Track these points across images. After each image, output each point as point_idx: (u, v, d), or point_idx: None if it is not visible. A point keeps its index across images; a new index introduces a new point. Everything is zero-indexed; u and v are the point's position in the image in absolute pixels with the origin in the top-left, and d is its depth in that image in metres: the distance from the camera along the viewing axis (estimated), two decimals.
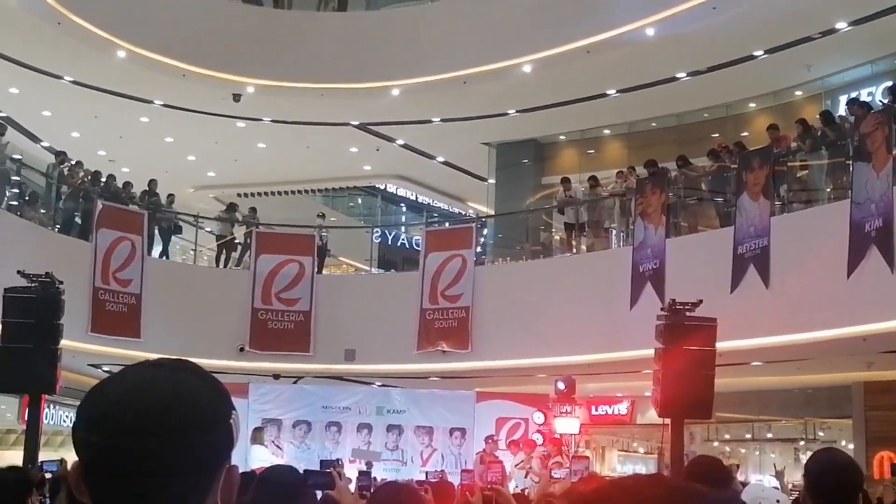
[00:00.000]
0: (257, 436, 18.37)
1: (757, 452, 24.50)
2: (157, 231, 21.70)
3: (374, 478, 15.38)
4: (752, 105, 23.66)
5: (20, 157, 20.26)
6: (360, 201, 37.58)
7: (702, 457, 6.69)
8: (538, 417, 19.75)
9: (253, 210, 23.80)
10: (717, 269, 15.67)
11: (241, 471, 1.66)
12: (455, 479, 15.23)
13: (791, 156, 16.84)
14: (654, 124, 24.96)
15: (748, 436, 24.00)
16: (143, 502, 1.49)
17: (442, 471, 17.10)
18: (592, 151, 26.73)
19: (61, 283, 13.72)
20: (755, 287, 15.05)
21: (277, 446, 19.46)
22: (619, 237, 19.74)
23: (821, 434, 22.40)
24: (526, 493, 12.26)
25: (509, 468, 16.33)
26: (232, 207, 23.76)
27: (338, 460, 12.27)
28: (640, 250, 17.45)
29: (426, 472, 16.51)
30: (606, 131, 26.30)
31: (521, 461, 18.10)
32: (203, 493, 1.53)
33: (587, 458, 18.56)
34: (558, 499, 4.50)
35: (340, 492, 5.54)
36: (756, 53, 20.62)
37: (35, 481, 4.84)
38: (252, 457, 17.26)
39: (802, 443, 22.81)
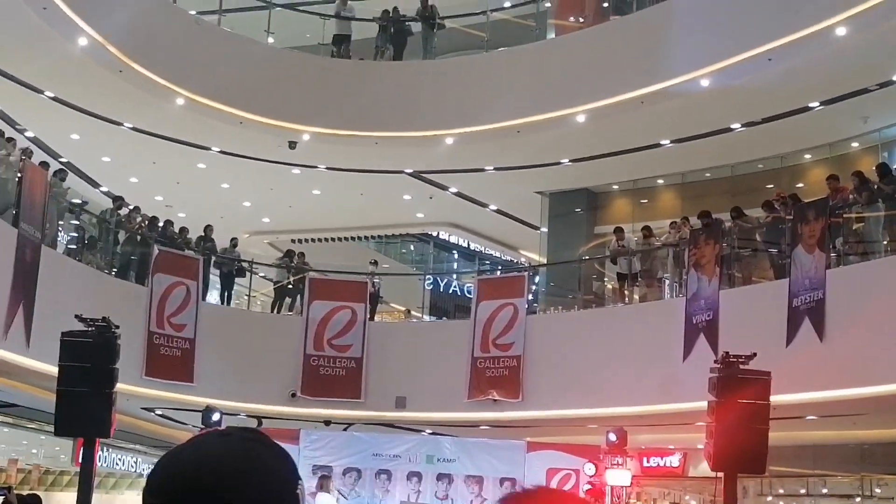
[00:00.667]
0: (323, 483, 18.31)
1: None
2: (219, 276, 22.02)
3: None
4: (808, 156, 23.44)
5: (79, 201, 20.51)
6: (412, 248, 37.68)
7: None
8: (589, 468, 19.33)
9: (301, 255, 23.95)
10: (772, 322, 15.48)
11: None
12: None
13: (847, 208, 16.65)
14: (707, 175, 24.83)
15: (802, 491, 23.49)
16: None
17: None
18: (646, 201, 26.61)
19: (117, 327, 13.88)
20: (810, 340, 14.86)
21: (343, 495, 19.38)
22: (673, 288, 19.67)
23: (878, 490, 21.96)
24: None
25: None
26: (289, 254, 23.91)
27: None
28: (694, 301, 17.32)
29: None
30: (660, 181, 26.19)
31: None
32: None
33: None
34: None
35: None
36: (812, 105, 20.40)
37: None
38: None
39: (858, 499, 22.36)
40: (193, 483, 1.51)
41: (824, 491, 23.00)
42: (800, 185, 22.07)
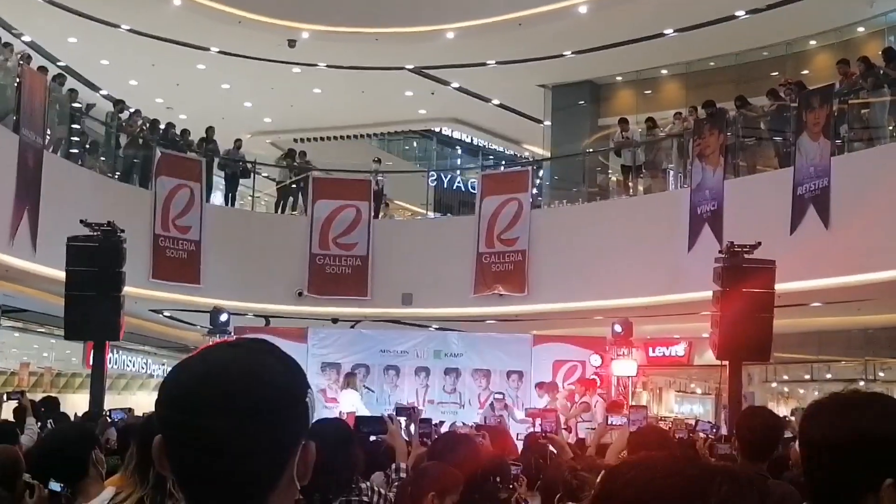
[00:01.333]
0: (349, 381, 18.39)
1: (816, 393, 23.96)
2: (223, 177, 21.91)
3: (435, 423, 15.66)
4: (813, 42, 23.21)
5: (80, 104, 20.40)
6: (415, 145, 37.52)
7: (753, 409, 6.66)
8: (595, 360, 19.42)
9: (303, 154, 23.83)
10: (777, 211, 15.42)
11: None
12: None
13: (852, 94, 16.46)
14: (712, 63, 24.66)
15: (807, 376, 23.81)
16: (222, 478, 1.55)
17: (501, 416, 16.99)
18: (650, 92, 26.45)
19: (122, 231, 13.90)
20: (815, 228, 14.83)
21: (370, 389, 19.34)
22: (677, 179, 19.51)
23: (881, 374, 22.18)
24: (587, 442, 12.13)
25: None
26: (290, 154, 23.80)
27: (414, 408, 12.33)
28: (698, 192, 17.27)
29: (485, 418, 16.50)
30: (664, 71, 26.02)
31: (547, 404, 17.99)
32: (280, 469, 1.58)
33: (645, 407, 18.48)
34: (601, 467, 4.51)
35: (393, 436, 5.66)
36: None
37: (95, 436, 4.83)
38: (343, 401, 17.45)
39: (862, 383, 22.52)
40: (203, 393, 1.55)
41: (828, 376, 23.27)
42: (805, 71, 21.90)
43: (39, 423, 9.51)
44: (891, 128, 15.77)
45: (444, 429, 14.64)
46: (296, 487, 1.61)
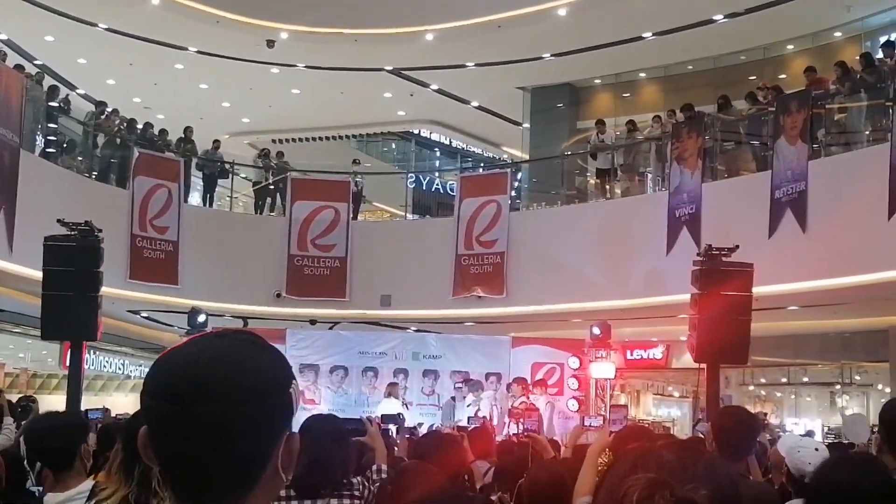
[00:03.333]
0: (392, 390, 18.42)
1: (793, 396, 24.37)
2: (201, 178, 21.76)
3: (413, 426, 15.44)
4: (791, 47, 23.32)
5: (57, 104, 20.25)
6: (394, 146, 37.48)
7: (729, 408, 6.67)
8: (573, 362, 19.53)
9: (280, 154, 23.62)
10: (754, 214, 15.47)
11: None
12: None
13: (829, 99, 16.54)
14: (690, 67, 24.78)
15: (784, 380, 23.88)
16: (207, 467, 1.56)
17: (485, 417, 17.09)
18: (628, 95, 26.52)
19: (100, 230, 13.79)
20: (792, 232, 14.87)
21: (405, 405, 18.80)
22: (656, 182, 19.52)
23: (857, 378, 22.28)
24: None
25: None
26: (265, 153, 23.66)
27: (400, 415, 12.42)
28: (677, 195, 17.30)
29: (468, 418, 16.33)
30: (642, 74, 26.12)
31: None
32: (264, 459, 1.60)
33: (625, 406, 18.46)
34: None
35: (372, 437, 5.68)
36: None
37: (87, 428, 4.83)
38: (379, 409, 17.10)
39: (838, 386, 22.71)
40: (188, 381, 1.56)
41: (805, 379, 23.44)
42: (783, 76, 21.97)
43: (16, 423, 9.45)
44: (867, 132, 15.83)
45: (422, 431, 14.84)
46: (281, 478, 1.62)
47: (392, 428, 11.14)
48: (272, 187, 22.42)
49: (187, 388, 1.55)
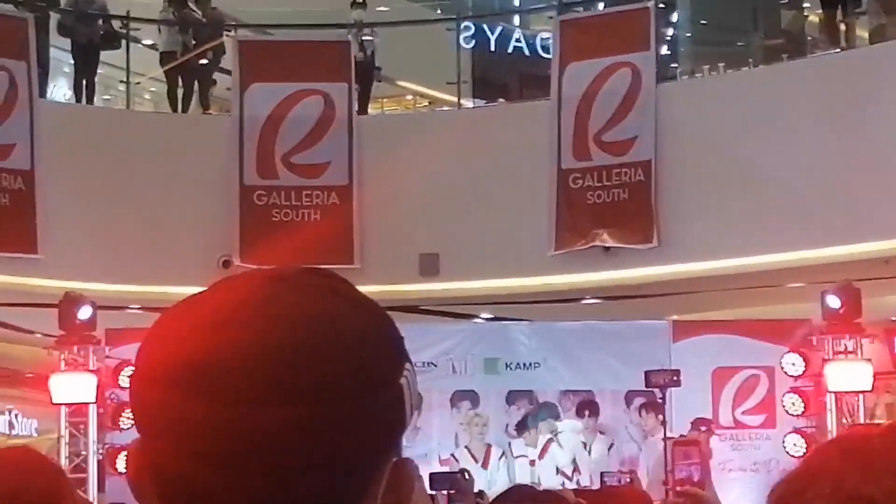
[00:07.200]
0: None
1: None
2: (70, 50, 15.02)
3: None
4: None
5: None
6: None
7: None
8: (792, 363, 12.97)
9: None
10: None
11: None
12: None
13: None
14: None
15: None
16: None
17: (632, 470, 12.51)
18: None
19: None
20: None
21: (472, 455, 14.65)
22: None
23: None
24: None
25: None
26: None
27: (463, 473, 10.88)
28: None
29: (601, 474, 12.35)
30: None
31: None
32: (350, 500, 1.02)
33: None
34: None
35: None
36: None
37: None
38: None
39: None
40: (225, 364, 0.99)
41: None
42: None
43: None
44: None
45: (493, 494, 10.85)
46: None
47: (442, 495, 9.61)
48: (202, 61, 15.34)
49: (219, 375, 0.98)
